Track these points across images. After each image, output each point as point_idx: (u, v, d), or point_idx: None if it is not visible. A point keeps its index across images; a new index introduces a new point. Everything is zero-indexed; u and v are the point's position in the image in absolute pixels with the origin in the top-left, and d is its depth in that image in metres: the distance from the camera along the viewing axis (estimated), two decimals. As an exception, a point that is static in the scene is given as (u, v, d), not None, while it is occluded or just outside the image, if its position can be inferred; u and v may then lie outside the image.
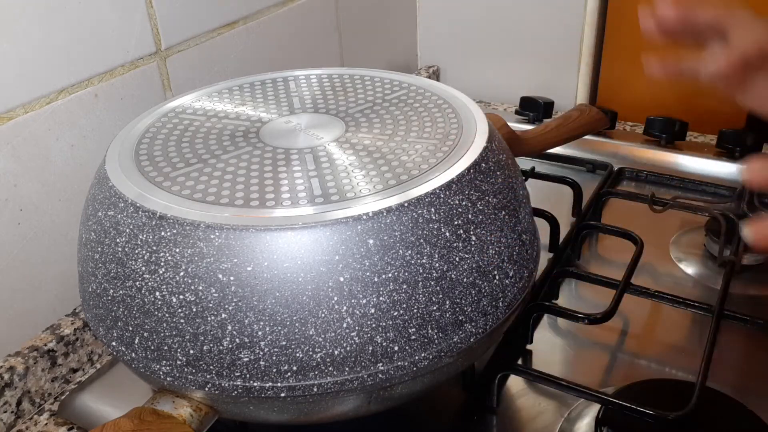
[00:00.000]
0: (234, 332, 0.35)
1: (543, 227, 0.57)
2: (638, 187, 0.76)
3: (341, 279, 0.35)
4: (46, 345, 0.52)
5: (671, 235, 0.67)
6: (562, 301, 0.59)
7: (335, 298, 0.35)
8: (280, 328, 0.35)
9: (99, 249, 0.38)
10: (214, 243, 0.35)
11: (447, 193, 0.37)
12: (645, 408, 0.44)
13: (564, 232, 0.64)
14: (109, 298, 0.38)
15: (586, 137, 0.72)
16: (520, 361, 0.53)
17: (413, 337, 0.36)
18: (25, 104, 0.50)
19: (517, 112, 0.85)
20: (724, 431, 0.46)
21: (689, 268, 0.63)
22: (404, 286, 0.35)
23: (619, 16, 0.86)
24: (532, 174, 0.71)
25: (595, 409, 0.47)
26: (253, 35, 0.68)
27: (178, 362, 0.36)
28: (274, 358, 0.35)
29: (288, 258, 0.34)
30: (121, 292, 0.37)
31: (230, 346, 0.35)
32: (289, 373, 0.35)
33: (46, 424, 0.51)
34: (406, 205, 0.36)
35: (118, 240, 0.37)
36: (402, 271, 0.35)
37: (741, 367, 0.52)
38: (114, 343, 0.39)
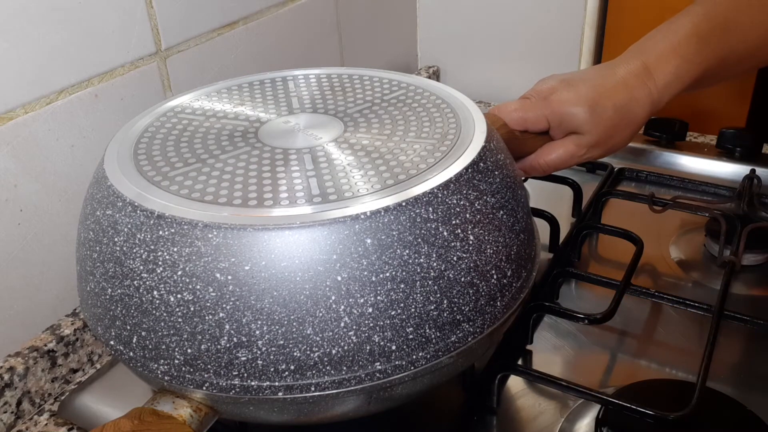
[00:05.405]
0: (231, 331, 0.35)
1: (543, 227, 0.57)
2: (638, 187, 0.75)
3: (339, 278, 0.35)
4: (46, 345, 0.52)
5: (671, 235, 0.67)
6: (562, 301, 0.59)
7: (333, 298, 0.35)
8: (277, 327, 0.35)
9: (97, 248, 0.38)
10: (212, 242, 0.35)
11: (445, 192, 0.37)
12: (645, 408, 0.44)
13: (564, 232, 0.64)
14: (107, 297, 0.38)
15: (587, 137, 0.72)
16: (520, 362, 0.53)
17: (411, 336, 0.36)
18: (25, 104, 0.50)
19: (517, 112, 0.85)
20: (724, 431, 0.46)
21: (689, 268, 0.63)
22: (402, 286, 0.35)
23: (619, 16, 0.86)
24: (532, 174, 0.71)
25: (595, 409, 0.47)
26: (253, 35, 0.68)
27: (176, 361, 0.36)
28: (272, 357, 0.35)
29: (286, 257, 0.34)
30: (119, 291, 0.37)
31: (228, 345, 0.35)
32: (286, 373, 0.35)
33: (46, 424, 0.51)
34: (403, 204, 0.36)
35: (116, 239, 0.37)
36: (400, 270, 0.35)
37: (741, 367, 0.52)
38: (112, 342, 0.39)
